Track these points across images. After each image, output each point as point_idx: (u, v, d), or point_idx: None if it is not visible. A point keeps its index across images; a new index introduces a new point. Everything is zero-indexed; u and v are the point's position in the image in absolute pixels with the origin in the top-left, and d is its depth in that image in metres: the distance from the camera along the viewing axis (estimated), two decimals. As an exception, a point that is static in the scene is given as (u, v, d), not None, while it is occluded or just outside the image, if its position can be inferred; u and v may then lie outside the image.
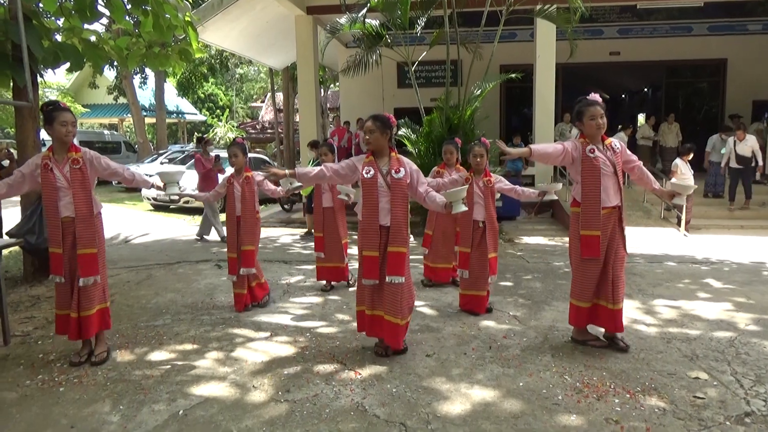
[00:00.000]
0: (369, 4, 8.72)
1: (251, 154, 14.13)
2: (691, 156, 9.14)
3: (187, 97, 33.60)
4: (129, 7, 6.04)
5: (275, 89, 23.87)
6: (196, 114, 34.07)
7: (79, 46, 6.03)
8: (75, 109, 20.36)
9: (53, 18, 6.67)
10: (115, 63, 15.27)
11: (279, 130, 21.13)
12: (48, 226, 3.64)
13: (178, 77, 28.17)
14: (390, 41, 9.32)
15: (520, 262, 6.97)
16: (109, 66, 18.67)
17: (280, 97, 22.87)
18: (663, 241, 8.24)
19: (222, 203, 6.84)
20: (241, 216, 4.82)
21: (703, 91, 16.19)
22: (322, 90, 22.72)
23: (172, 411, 3.04)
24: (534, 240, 8.61)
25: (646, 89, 18.94)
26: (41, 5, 5.88)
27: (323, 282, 5.64)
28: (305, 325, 4.49)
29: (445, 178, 4.97)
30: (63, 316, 3.71)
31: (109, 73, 24.39)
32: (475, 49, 8.96)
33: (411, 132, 9.15)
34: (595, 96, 3.72)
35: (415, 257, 5.94)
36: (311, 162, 8.65)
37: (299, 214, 10.32)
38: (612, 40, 14.90)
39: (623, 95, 20.85)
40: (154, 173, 4.37)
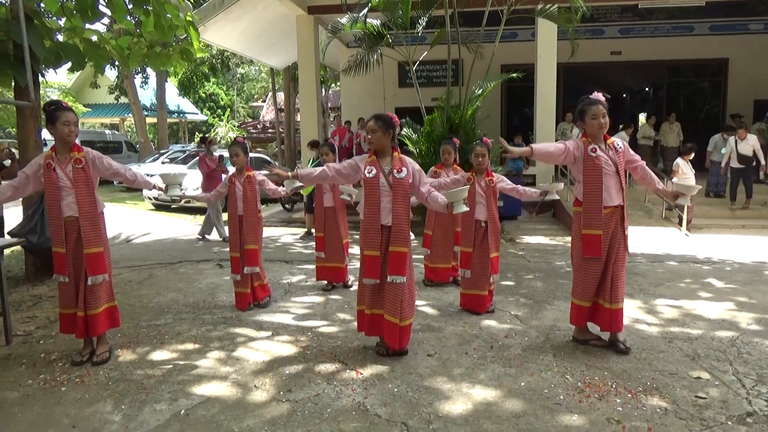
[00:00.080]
0: (370, 4, 8.71)
1: (252, 154, 14.14)
2: (692, 155, 9.13)
3: (188, 97, 33.63)
4: (130, 6, 6.05)
5: (276, 89, 23.88)
6: (197, 114, 34.10)
7: (81, 46, 6.03)
8: (76, 108, 20.34)
9: (55, 18, 6.69)
10: (116, 63, 15.32)
11: (280, 130, 21.13)
12: (51, 225, 3.64)
13: (180, 77, 28.16)
14: (391, 41, 9.31)
15: (521, 261, 6.97)
16: (111, 66, 18.70)
17: (281, 96, 22.89)
18: (664, 241, 8.24)
19: (224, 203, 6.85)
20: (243, 215, 4.82)
21: (704, 91, 16.17)
22: (323, 90, 22.72)
23: (174, 410, 3.04)
24: (535, 239, 8.61)
25: (647, 89, 18.93)
26: (43, 5, 5.89)
27: (324, 281, 5.65)
28: (307, 324, 4.49)
29: (443, 178, 4.97)
30: (67, 316, 3.71)
31: (111, 73, 24.41)
32: (476, 49, 8.95)
33: (412, 132, 9.15)
34: (597, 95, 3.69)
35: (416, 257, 5.94)
36: (311, 161, 8.66)
37: (300, 213, 10.32)
38: (613, 39, 14.89)
39: (624, 95, 20.85)
40: (155, 174, 4.38)
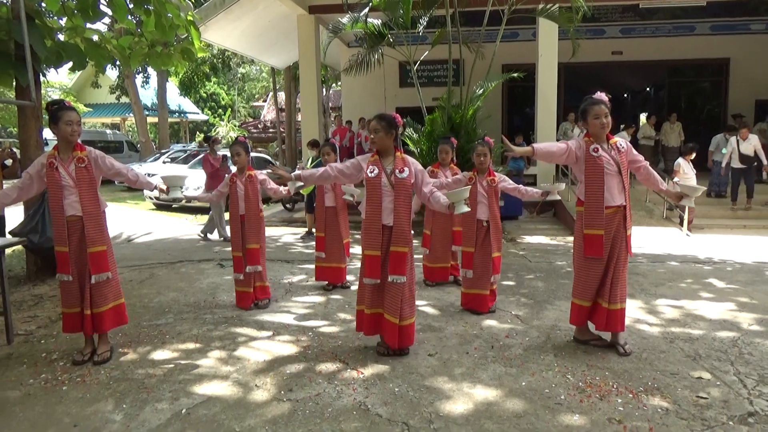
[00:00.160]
0: (371, 4, 8.71)
1: (253, 154, 14.13)
2: (693, 155, 9.12)
3: (189, 97, 33.65)
4: (131, 6, 6.05)
5: (277, 88, 23.88)
6: (198, 113, 34.12)
7: (82, 46, 6.04)
8: (77, 108, 20.39)
9: (56, 17, 6.69)
10: (117, 62, 15.31)
11: (281, 130, 21.13)
12: (53, 224, 3.64)
13: (181, 76, 28.20)
14: (392, 40, 9.32)
15: (522, 261, 6.96)
16: (112, 65, 18.71)
17: (282, 96, 22.89)
18: (665, 241, 8.23)
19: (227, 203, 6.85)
20: (245, 215, 4.82)
21: (705, 91, 16.16)
22: (324, 89, 22.72)
23: (175, 410, 3.04)
24: (536, 239, 8.61)
25: (648, 89, 18.92)
26: (44, 5, 5.89)
27: (325, 282, 5.64)
28: (307, 324, 4.49)
29: (442, 178, 4.97)
30: (70, 315, 3.71)
31: (112, 73, 24.47)
32: (477, 49, 8.95)
33: (413, 131, 9.15)
34: (600, 95, 3.67)
35: (416, 257, 5.93)
36: (310, 161, 8.66)
37: (301, 213, 10.32)
38: (614, 39, 14.88)
39: (626, 95, 20.83)
40: (155, 174, 4.38)
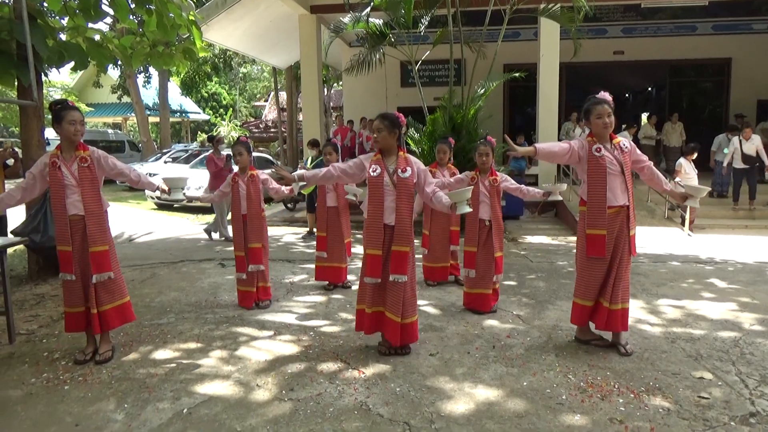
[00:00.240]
0: (372, 3, 8.72)
1: (255, 153, 14.13)
2: (695, 155, 9.10)
3: (190, 96, 33.71)
4: (133, 6, 6.05)
5: (278, 88, 23.90)
6: (200, 113, 34.15)
7: (84, 45, 6.04)
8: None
9: (58, 17, 6.70)
10: (119, 62, 15.32)
11: (282, 129, 21.15)
12: (56, 224, 3.64)
13: (182, 76, 28.25)
14: (393, 40, 9.32)
15: (523, 261, 6.96)
16: (113, 65, 18.73)
17: (284, 96, 22.90)
18: (667, 241, 8.22)
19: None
20: (246, 214, 4.83)
21: (707, 91, 16.14)
22: (326, 89, 22.73)
23: (177, 409, 3.05)
24: (537, 239, 8.60)
25: (650, 88, 18.90)
26: (46, 4, 5.90)
27: (326, 282, 5.64)
28: (309, 324, 4.49)
29: (445, 178, 4.97)
30: (73, 314, 3.70)
31: (113, 72, 24.50)
32: (478, 48, 8.95)
33: (414, 131, 9.15)
34: (603, 95, 3.66)
35: (417, 256, 5.94)
36: (310, 160, 8.66)
37: (302, 213, 10.33)
38: (616, 39, 14.87)
39: (627, 94, 20.82)
40: (157, 173, 4.40)
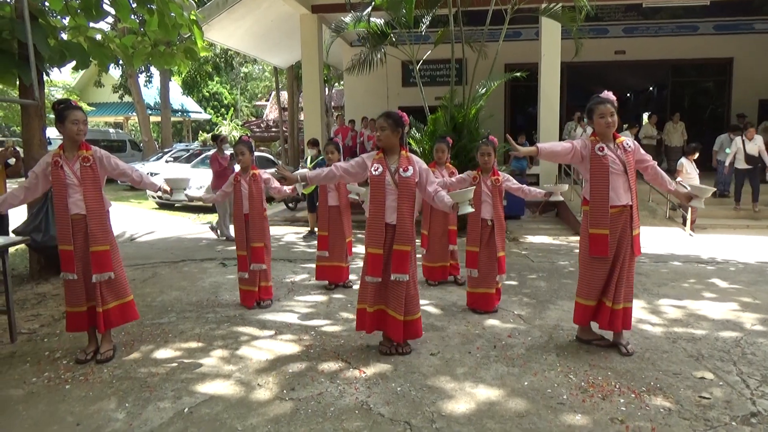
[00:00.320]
0: (374, 3, 8.72)
1: (256, 153, 14.15)
2: (696, 155, 9.09)
3: (191, 96, 33.73)
4: (134, 5, 6.06)
5: (280, 88, 23.92)
6: (201, 112, 34.19)
7: (85, 45, 6.04)
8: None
9: (59, 16, 6.70)
10: (120, 61, 15.33)
11: (283, 129, 21.16)
12: (57, 223, 3.64)
13: (183, 76, 28.29)
14: (395, 40, 9.32)
15: (524, 261, 6.96)
16: (115, 64, 18.77)
17: (285, 95, 22.92)
18: (668, 241, 8.21)
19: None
20: (249, 214, 4.83)
21: (708, 91, 16.12)
22: (327, 88, 22.74)
23: (178, 409, 3.05)
24: (538, 239, 8.60)
25: (651, 88, 18.88)
26: (47, 4, 5.90)
27: (326, 281, 5.64)
28: (310, 323, 4.50)
29: (447, 178, 4.97)
30: (74, 314, 3.71)
31: (115, 72, 24.51)
32: (479, 48, 8.95)
33: (416, 131, 9.15)
34: (607, 94, 3.65)
35: (417, 256, 5.94)
36: (310, 159, 8.66)
37: (304, 212, 10.33)
38: (617, 38, 14.86)
39: (628, 94, 20.79)
40: (158, 173, 4.41)
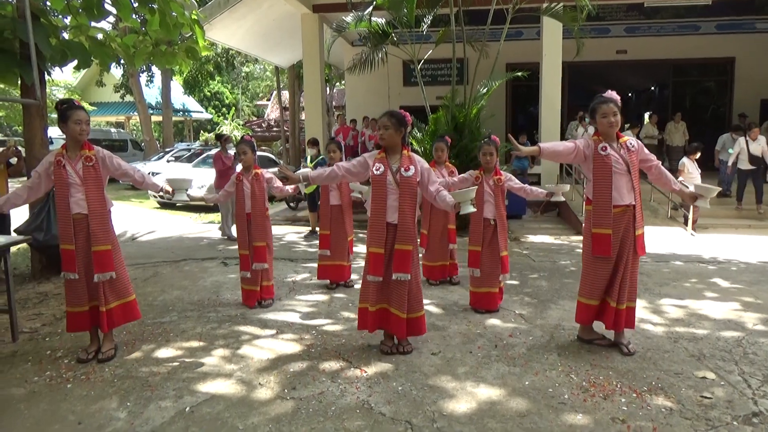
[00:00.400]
0: (375, 3, 8.72)
1: (258, 152, 14.16)
2: (698, 155, 9.07)
3: (193, 95, 33.74)
4: (136, 5, 6.06)
5: (281, 87, 23.93)
6: (202, 112, 34.21)
7: (87, 44, 6.05)
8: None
9: (61, 16, 6.71)
10: (122, 61, 15.37)
11: (285, 128, 21.17)
12: (59, 222, 3.65)
13: (185, 75, 28.29)
14: (396, 39, 9.32)
15: (526, 260, 6.95)
16: (116, 64, 18.78)
17: (286, 95, 22.93)
18: (670, 241, 8.19)
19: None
20: (251, 213, 4.83)
21: (710, 90, 16.09)
22: (328, 88, 22.75)
23: (179, 408, 3.05)
24: (540, 239, 8.59)
25: (652, 88, 18.85)
26: (49, 3, 5.91)
27: (327, 280, 5.64)
28: (311, 322, 4.50)
29: (448, 178, 4.97)
30: (75, 314, 3.71)
31: (116, 71, 24.53)
32: (481, 48, 8.95)
33: (417, 130, 9.15)
34: (611, 93, 3.64)
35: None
36: (310, 159, 8.66)
37: (305, 212, 10.33)
38: (619, 38, 14.85)
39: (630, 94, 20.76)
40: (159, 172, 4.41)
